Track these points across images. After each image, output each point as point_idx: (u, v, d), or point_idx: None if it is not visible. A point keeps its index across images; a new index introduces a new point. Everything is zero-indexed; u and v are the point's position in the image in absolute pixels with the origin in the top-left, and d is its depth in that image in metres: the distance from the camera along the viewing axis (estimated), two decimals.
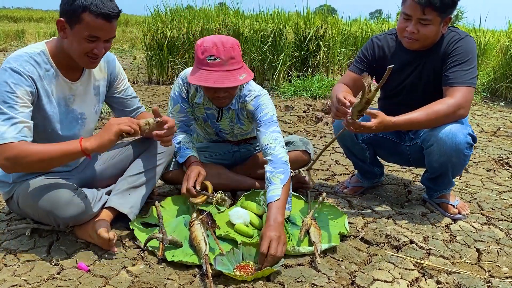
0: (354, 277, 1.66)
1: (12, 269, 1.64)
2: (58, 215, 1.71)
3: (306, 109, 4.90)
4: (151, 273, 1.63)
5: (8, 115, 1.57)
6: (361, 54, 2.29)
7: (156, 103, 5.19)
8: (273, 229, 1.72)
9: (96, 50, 1.69)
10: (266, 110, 2.14)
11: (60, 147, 1.62)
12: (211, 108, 2.23)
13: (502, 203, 2.43)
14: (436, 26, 2.02)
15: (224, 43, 1.92)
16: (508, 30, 6.33)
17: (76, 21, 1.63)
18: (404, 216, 2.21)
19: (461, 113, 1.99)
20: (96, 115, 1.99)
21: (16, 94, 1.60)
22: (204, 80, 1.92)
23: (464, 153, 2.02)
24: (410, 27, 2.03)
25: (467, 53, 2.04)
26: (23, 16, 26.56)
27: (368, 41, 2.32)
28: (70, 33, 1.66)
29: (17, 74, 1.62)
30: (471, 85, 2.01)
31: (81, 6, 1.60)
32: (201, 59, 1.94)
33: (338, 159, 3.18)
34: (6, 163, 1.57)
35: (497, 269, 1.76)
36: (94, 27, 1.63)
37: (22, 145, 1.57)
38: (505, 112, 5.20)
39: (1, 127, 1.56)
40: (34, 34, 14.50)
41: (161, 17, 6.88)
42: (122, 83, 2.06)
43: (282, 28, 6.44)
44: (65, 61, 1.76)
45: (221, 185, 2.33)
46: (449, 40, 2.08)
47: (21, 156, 1.56)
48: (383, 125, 1.91)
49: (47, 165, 1.66)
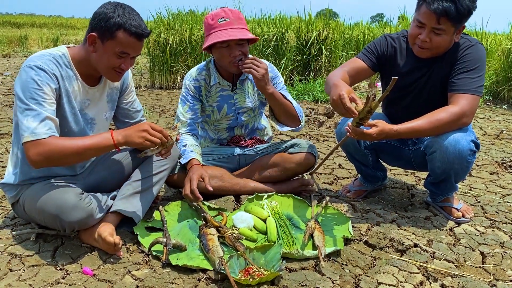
0: (359, 281, 1.66)
1: (17, 274, 1.64)
2: (64, 219, 1.72)
3: (308, 113, 4.91)
4: (156, 278, 1.63)
5: (37, 111, 1.62)
6: (372, 46, 2.26)
7: (158, 107, 5.20)
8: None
9: (123, 66, 1.78)
10: (280, 79, 2.42)
11: (92, 140, 1.68)
12: (226, 88, 2.36)
13: (506, 206, 2.43)
14: (450, 35, 1.98)
15: (231, 9, 2.19)
16: (510, 33, 6.34)
17: (109, 37, 1.71)
18: (408, 220, 2.21)
19: (464, 121, 1.97)
20: (107, 122, 2.02)
21: (43, 91, 1.65)
22: (218, 37, 2.11)
23: (467, 160, 2.01)
24: (423, 35, 1.98)
25: (476, 60, 2.01)
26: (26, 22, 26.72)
27: (381, 36, 2.28)
28: (101, 47, 1.74)
29: (42, 72, 1.67)
30: (476, 93, 1.97)
31: (117, 24, 1.70)
32: (211, 24, 2.16)
33: (341, 163, 3.18)
34: (39, 158, 1.61)
35: (502, 272, 1.75)
36: (126, 45, 1.73)
37: (54, 140, 1.62)
38: (507, 115, 5.19)
39: (31, 123, 1.60)
40: (37, 39, 14.57)
41: (163, 22, 6.91)
42: (130, 94, 2.11)
43: (284, 32, 6.46)
44: (85, 68, 1.82)
45: (224, 188, 2.34)
46: (459, 47, 2.05)
47: (54, 151, 1.61)
48: (385, 133, 1.90)
49: (79, 158, 1.71)
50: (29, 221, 2.00)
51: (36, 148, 1.60)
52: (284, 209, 2.19)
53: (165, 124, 4.38)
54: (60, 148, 1.61)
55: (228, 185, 2.36)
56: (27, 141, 1.60)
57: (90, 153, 1.70)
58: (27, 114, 1.61)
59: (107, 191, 2.03)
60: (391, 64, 2.23)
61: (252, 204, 2.20)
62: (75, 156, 1.66)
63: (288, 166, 2.38)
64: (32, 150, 1.60)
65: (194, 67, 2.41)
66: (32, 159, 1.62)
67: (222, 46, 2.15)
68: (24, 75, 1.66)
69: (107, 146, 1.69)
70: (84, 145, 1.66)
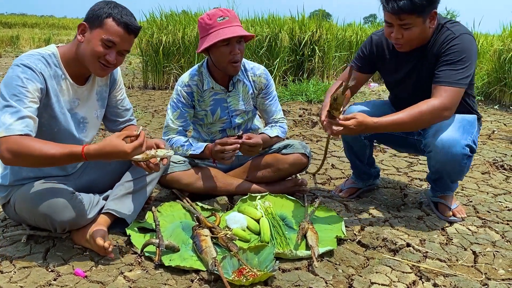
0: (352, 281, 1.66)
1: (8, 275, 1.63)
2: (56, 219, 1.71)
3: (302, 113, 4.91)
4: (148, 279, 1.62)
5: (16, 108, 1.59)
6: (360, 51, 2.29)
7: (151, 108, 5.19)
8: (258, 137, 2.23)
9: (108, 57, 1.75)
10: (273, 87, 2.50)
11: (63, 148, 1.61)
12: (219, 92, 2.35)
13: (498, 205, 2.45)
14: (419, 26, 1.96)
15: (227, 8, 2.20)
16: (502, 34, 6.38)
17: (98, 25, 1.73)
18: (401, 220, 2.22)
19: (445, 114, 1.96)
20: (98, 120, 2.01)
21: (27, 89, 1.63)
22: (221, 35, 2.10)
23: (461, 164, 2.02)
24: (394, 33, 1.99)
25: (461, 52, 1.97)
26: (17, 22, 26.53)
27: (368, 37, 2.30)
28: (89, 35, 1.74)
29: (29, 70, 1.66)
30: (459, 85, 1.95)
31: (106, 12, 1.73)
32: (210, 24, 2.14)
33: (335, 163, 3.18)
34: (7, 155, 1.56)
35: (494, 271, 1.76)
36: (113, 33, 1.72)
37: (26, 139, 1.57)
38: (499, 115, 5.24)
39: (8, 119, 1.57)
40: (28, 39, 14.48)
41: (156, 22, 6.89)
42: (120, 92, 2.09)
43: (277, 33, 6.47)
44: (74, 66, 1.81)
45: (217, 188, 2.34)
46: (444, 39, 2.03)
47: (23, 150, 1.55)
48: (364, 125, 1.88)
49: (46, 162, 1.64)
50: (20, 222, 1.98)
51: (7, 144, 1.55)
52: (277, 210, 2.19)
53: (158, 124, 4.36)
54: (30, 148, 1.55)
55: (222, 185, 2.35)
56: (0, 137, 1.56)
57: (57, 160, 1.61)
58: (6, 110, 1.58)
59: (100, 191, 2.02)
60: (381, 61, 2.24)
61: (245, 205, 2.20)
62: (43, 159, 1.58)
63: (282, 167, 2.38)
64: (3, 145, 1.55)
65: (186, 73, 2.38)
66: (1, 155, 1.57)
67: (223, 44, 2.14)
68: (10, 73, 1.65)
69: (75, 156, 1.60)
70: (54, 151, 1.58)
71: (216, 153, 2.18)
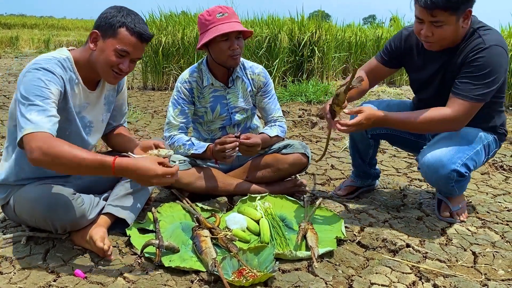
0: (352, 281, 1.66)
1: (8, 276, 1.63)
2: (56, 220, 1.71)
3: (301, 114, 4.92)
4: (148, 280, 1.62)
5: (42, 106, 1.58)
6: (388, 45, 2.22)
7: (151, 108, 5.19)
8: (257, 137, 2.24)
9: (122, 66, 1.75)
10: (272, 86, 2.51)
11: (94, 155, 1.58)
12: (219, 88, 2.37)
13: (497, 206, 2.45)
14: (452, 25, 1.86)
15: (226, 6, 2.23)
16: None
17: (111, 34, 1.72)
18: (400, 220, 2.22)
19: (454, 126, 1.94)
20: (103, 124, 2.02)
21: (50, 90, 1.63)
22: (220, 30, 2.13)
23: (448, 187, 2.03)
24: (424, 30, 1.91)
25: (486, 66, 1.87)
26: (16, 23, 26.49)
27: (398, 31, 2.23)
28: (102, 44, 1.73)
29: (50, 73, 1.66)
30: (475, 100, 1.89)
31: (120, 22, 1.72)
32: (209, 19, 2.18)
33: (334, 164, 3.19)
34: (37, 154, 1.50)
35: (493, 272, 1.77)
36: (127, 43, 1.72)
37: (56, 139, 1.55)
38: None
39: (35, 117, 1.55)
40: (28, 40, 14.48)
41: (155, 23, 6.89)
42: (122, 97, 2.10)
43: (276, 33, 6.47)
44: (86, 72, 1.81)
45: (217, 188, 2.34)
46: (472, 48, 1.92)
47: (54, 150, 1.51)
48: (373, 118, 1.86)
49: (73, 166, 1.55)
50: (19, 223, 1.97)
51: (36, 142, 1.50)
52: (277, 210, 2.19)
53: (157, 125, 4.37)
54: (60, 149, 1.51)
55: (222, 185, 2.35)
56: (28, 133, 1.51)
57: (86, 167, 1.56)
58: (31, 109, 1.55)
59: (99, 192, 2.02)
60: (409, 57, 2.17)
61: (245, 205, 2.20)
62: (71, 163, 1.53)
63: (281, 167, 2.38)
64: (32, 143, 1.50)
65: (186, 70, 2.41)
66: (31, 153, 1.51)
67: (222, 39, 2.16)
68: (30, 76, 1.63)
69: (105, 168, 1.57)
70: (85, 157, 1.54)
71: (217, 153, 2.18)
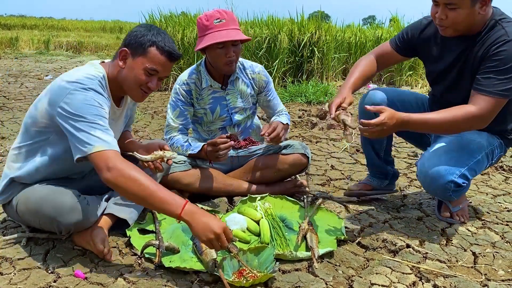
0: (352, 282, 1.66)
1: (8, 277, 1.62)
2: (62, 221, 1.69)
3: (301, 114, 4.92)
4: (148, 280, 1.62)
5: (104, 126, 1.62)
6: (405, 32, 2.16)
7: (151, 109, 5.19)
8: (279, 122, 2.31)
9: (150, 84, 1.76)
10: (272, 84, 2.53)
11: (167, 191, 1.56)
12: (218, 89, 2.38)
13: (497, 206, 2.45)
14: (466, 9, 1.79)
15: (225, 10, 2.22)
16: None
17: (140, 53, 1.72)
18: (400, 221, 2.22)
19: (480, 124, 1.87)
20: (119, 135, 2.03)
21: (106, 111, 1.67)
22: (215, 38, 2.14)
23: (446, 196, 2.03)
24: (439, 13, 1.85)
25: (509, 59, 1.81)
26: (16, 24, 26.46)
27: (418, 20, 2.17)
28: (131, 63, 1.74)
29: (100, 96, 1.68)
30: (500, 96, 1.81)
31: (150, 40, 1.72)
32: (206, 25, 2.17)
33: (334, 164, 3.19)
34: (115, 173, 1.52)
35: (493, 272, 1.77)
36: (156, 61, 1.73)
37: (132, 164, 1.57)
38: None
39: (102, 135, 1.58)
40: (27, 41, 14.47)
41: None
42: (135, 108, 2.15)
43: (276, 34, 6.48)
44: (115, 89, 1.81)
45: (217, 188, 2.34)
46: (494, 40, 1.85)
47: (126, 172, 1.52)
48: (395, 119, 1.79)
49: (140, 195, 1.53)
50: (20, 223, 1.97)
51: (109, 160, 1.52)
52: (277, 211, 2.19)
53: (157, 126, 4.37)
54: (135, 174, 1.52)
55: (222, 186, 2.36)
56: (100, 150, 1.54)
57: (154, 200, 1.53)
58: (95, 127, 1.57)
59: (101, 193, 2.01)
60: (425, 48, 2.12)
61: (245, 206, 2.20)
62: (141, 191, 1.51)
63: (281, 167, 2.39)
64: (108, 161, 1.52)
65: (185, 71, 2.42)
66: (109, 171, 1.52)
67: (218, 47, 2.17)
68: (80, 96, 1.61)
69: (170, 210, 1.53)
70: (154, 189, 1.52)
71: (210, 153, 2.19)
